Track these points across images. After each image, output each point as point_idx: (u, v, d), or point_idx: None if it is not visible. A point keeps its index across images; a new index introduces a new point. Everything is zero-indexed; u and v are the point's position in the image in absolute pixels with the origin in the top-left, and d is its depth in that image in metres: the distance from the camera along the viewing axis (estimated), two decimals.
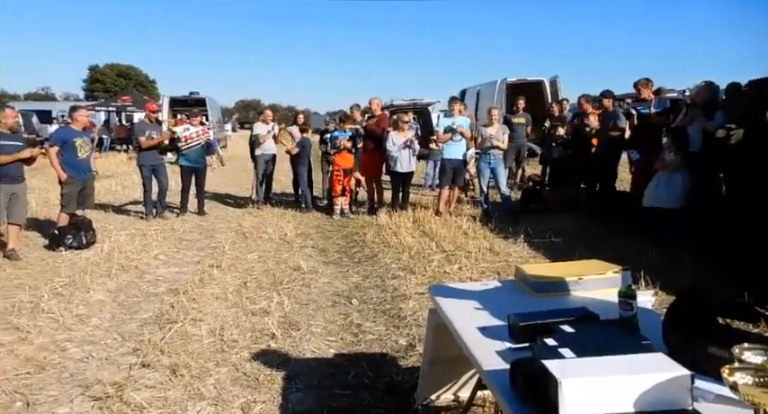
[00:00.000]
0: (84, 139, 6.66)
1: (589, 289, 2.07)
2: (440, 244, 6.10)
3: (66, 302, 4.41)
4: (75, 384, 3.11)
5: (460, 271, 5.16)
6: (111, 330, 3.92)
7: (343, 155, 8.28)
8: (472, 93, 15.93)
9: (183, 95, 21.01)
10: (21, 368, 3.28)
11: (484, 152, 7.78)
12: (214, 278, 5.10)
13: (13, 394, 2.99)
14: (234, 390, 3.02)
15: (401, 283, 4.83)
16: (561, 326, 1.59)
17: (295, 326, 3.94)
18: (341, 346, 3.63)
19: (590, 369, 1.23)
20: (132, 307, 4.43)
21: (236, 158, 18.20)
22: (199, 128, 8.52)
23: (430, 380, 2.62)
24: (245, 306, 4.36)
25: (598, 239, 6.08)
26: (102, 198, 9.38)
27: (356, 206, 8.95)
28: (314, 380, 3.12)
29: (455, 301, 2.10)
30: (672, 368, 1.21)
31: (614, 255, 3.91)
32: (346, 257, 6.01)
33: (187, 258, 6.01)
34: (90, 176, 6.71)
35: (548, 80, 13.91)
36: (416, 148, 8.07)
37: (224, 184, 12.10)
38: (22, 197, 5.97)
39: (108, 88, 52.08)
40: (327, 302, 4.50)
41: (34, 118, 20.39)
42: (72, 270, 5.35)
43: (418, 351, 3.34)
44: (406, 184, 8.29)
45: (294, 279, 5.09)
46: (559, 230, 6.53)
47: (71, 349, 3.58)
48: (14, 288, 4.81)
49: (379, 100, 8.94)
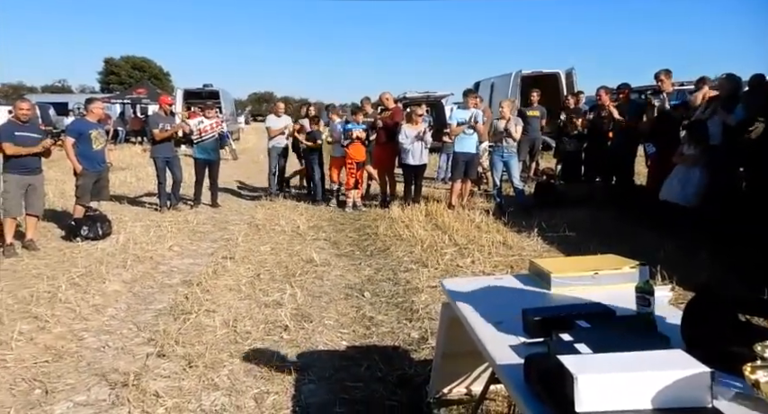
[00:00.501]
0: (100, 131, 6.71)
1: (605, 284, 2.04)
2: (452, 237, 6.08)
3: (82, 292, 4.47)
4: (91, 373, 3.16)
5: (473, 265, 5.13)
6: (127, 320, 3.97)
7: (357, 148, 8.26)
8: (486, 85, 15.79)
9: (196, 88, 21.11)
10: (39, 357, 3.34)
11: (497, 145, 7.72)
12: (227, 270, 5.13)
13: (32, 382, 3.05)
14: (247, 380, 3.05)
15: (413, 276, 4.82)
16: (577, 321, 1.57)
17: (307, 318, 3.95)
18: (353, 338, 3.64)
19: (607, 365, 1.21)
20: (147, 298, 4.48)
21: (249, 151, 18.29)
22: (213, 120, 8.56)
23: (442, 373, 2.62)
24: (258, 298, 4.38)
25: (613, 234, 6.02)
26: (117, 190, 9.48)
27: (368, 199, 8.95)
28: (326, 372, 3.14)
29: (468, 294, 2.09)
30: (691, 365, 1.18)
31: (630, 249, 3.87)
32: (359, 250, 6.01)
33: (201, 250, 6.05)
34: (105, 168, 6.78)
35: (563, 72, 13.72)
36: (429, 140, 8.02)
37: (237, 177, 12.16)
38: (40, 188, 6.04)
39: (123, 80, 52.45)
40: (340, 295, 4.51)
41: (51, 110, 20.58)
42: (88, 261, 5.42)
43: (430, 344, 3.34)
44: (419, 177, 8.26)
45: (307, 271, 5.11)
46: (574, 224, 6.47)
47: (88, 338, 3.64)
48: (33, 278, 4.89)
49: (389, 94, 8.92)
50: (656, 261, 4.32)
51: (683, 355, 1.24)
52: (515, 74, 14.04)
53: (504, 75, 14.80)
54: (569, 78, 13.40)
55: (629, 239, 5.60)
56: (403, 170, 8.33)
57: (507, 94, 13.15)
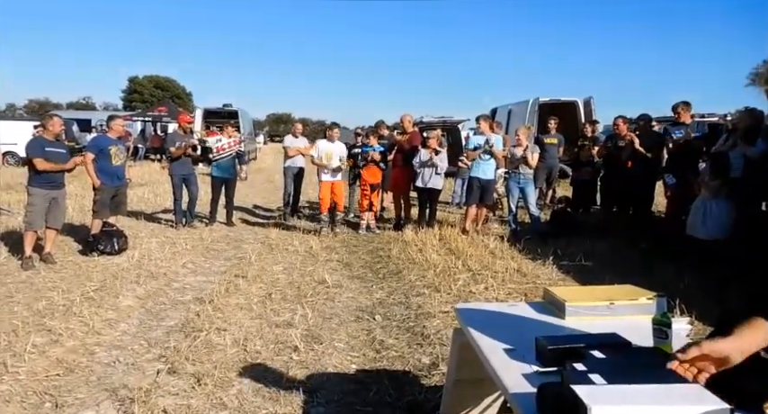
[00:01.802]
0: (119, 147, 6.83)
1: (621, 314, 2.01)
2: (466, 263, 6.04)
3: (96, 307, 4.51)
4: (101, 388, 3.16)
5: (486, 291, 5.09)
6: (139, 336, 3.99)
7: (372, 170, 8.31)
8: (503, 112, 15.86)
9: (216, 107, 21.47)
10: (51, 370, 3.36)
11: (513, 172, 7.71)
12: (239, 288, 5.15)
13: (42, 395, 3.06)
14: (256, 401, 3.03)
15: (425, 301, 4.79)
16: (591, 351, 1.54)
17: (318, 339, 3.93)
18: (363, 361, 3.61)
19: (622, 397, 1.18)
20: (159, 314, 4.50)
21: (265, 170, 18.49)
22: (231, 139, 8.69)
23: (453, 400, 2.57)
24: (269, 317, 4.38)
25: (630, 264, 5.94)
26: (135, 206, 9.62)
27: (382, 222, 8.96)
28: (335, 395, 3.11)
29: (481, 320, 2.07)
30: (709, 401, 1.15)
31: (647, 281, 3.80)
32: (371, 273, 6.00)
33: (214, 268, 6.09)
34: (123, 184, 6.88)
35: (581, 101, 13.74)
36: (441, 165, 7.95)
37: (252, 196, 12.27)
38: (62, 203, 6.15)
39: (146, 99, 53.59)
40: (351, 317, 4.49)
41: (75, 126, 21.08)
42: (103, 275, 5.48)
43: (441, 370, 3.30)
44: (433, 201, 8.25)
45: (318, 292, 5.10)
46: (590, 253, 6.40)
47: (99, 353, 3.65)
48: (49, 290, 4.95)
49: (410, 116, 8.94)
50: (675, 294, 4.24)
51: (701, 390, 1.20)
52: (533, 101, 14.08)
53: (522, 102, 14.86)
54: (587, 107, 13.42)
55: (647, 271, 5.52)
56: (417, 194, 8.35)
57: (525, 120, 13.17)
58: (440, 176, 8.04)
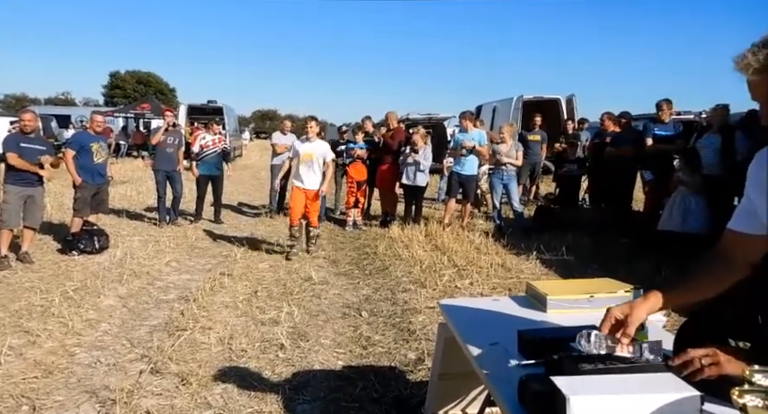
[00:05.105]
0: (101, 143, 6.71)
1: (600, 307, 2.02)
2: (451, 258, 6.08)
3: (76, 307, 4.44)
4: (81, 390, 3.12)
5: (471, 286, 5.13)
6: (121, 336, 3.94)
7: (357, 167, 8.30)
8: (488, 109, 15.92)
9: (201, 104, 21.23)
10: (28, 372, 3.29)
11: (497, 168, 7.76)
12: (225, 286, 5.12)
13: (19, 398, 2.99)
14: (241, 399, 3.01)
15: (412, 297, 4.81)
16: (571, 343, 1.57)
17: (304, 337, 3.93)
18: (349, 358, 3.61)
19: (599, 386, 1.22)
20: (142, 313, 4.45)
21: (251, 167, 18.37)
22: (215, 136, 8.62)
23: (438, 395, 2.59)
24: (254, 315, 4.36)
25: (611, 258, 6.02)
26: (117, 203, 9.49)
27: (368, 218, 8.96)
28: (322, 392, 3.11)
29: (465, 315, 2.09)
30: (681, 388, 1.20)
31: (627, 274, 3.87)
32: (357, 269, 6.00)
33: (199, 266, 6.04)
34: (105, 181, 6.77)
35: (564, 98, 13.88)
36: (423, 162, 7.95)
37: (238, 193, 12.19)
38: (40, 201, 6.04)
39: (128, 95, 52.74)
40: (337, 314, 4.49)
41: (53, 122, 20.68)
42: (84, 275, 5.40)
43: (427, 365, 3.32)
44: (419, 197, 8.28)
45: (305, 289, 5.09)
46: (572, 248, 6.47)
47: (79, 354, 3.60)
48: (26, 291, 4.86)
49: (395, 113, 8.98)
50: (653, 286, 4.29)
51: (674, 379, 1.25)
52: (517, 98, 14.17)
53: (506, 99, 14.95)
54: (570, 104, 13.54)
55: (627, 264, 5.61)
56: (403, 190, 8.36)
57: (509, 117, 13.25)
58: (424, 173, 8.05)
